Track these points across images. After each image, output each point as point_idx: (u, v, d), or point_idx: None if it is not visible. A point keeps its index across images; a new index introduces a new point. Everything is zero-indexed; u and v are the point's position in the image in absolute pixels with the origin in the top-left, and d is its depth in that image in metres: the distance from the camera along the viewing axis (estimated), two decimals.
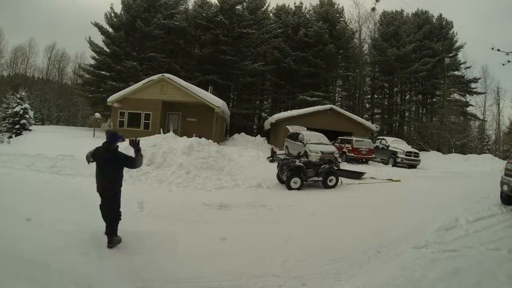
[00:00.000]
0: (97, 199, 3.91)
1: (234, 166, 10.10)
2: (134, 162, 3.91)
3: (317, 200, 7.10)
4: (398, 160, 15.60)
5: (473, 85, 31.39)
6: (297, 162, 8.34)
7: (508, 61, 4.47)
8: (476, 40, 44.10)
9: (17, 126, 15.84)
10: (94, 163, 3.95)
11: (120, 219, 3.91)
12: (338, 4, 30.89)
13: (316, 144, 13.91)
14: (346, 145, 16.01)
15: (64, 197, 5.99)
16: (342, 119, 19.71)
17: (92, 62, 27.19)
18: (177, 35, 26.74)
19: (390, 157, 16.17)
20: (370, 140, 17.14)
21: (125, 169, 4.06)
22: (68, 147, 10.50)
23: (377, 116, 32.83)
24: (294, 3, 31.63)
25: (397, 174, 12.16)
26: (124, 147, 4.57)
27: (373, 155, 16.14)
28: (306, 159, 9.86)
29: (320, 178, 8.52)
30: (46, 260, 3.28)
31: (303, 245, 4.10)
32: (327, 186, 8.44)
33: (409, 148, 16.82)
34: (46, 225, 4.34)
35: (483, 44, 39.92)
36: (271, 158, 10.22)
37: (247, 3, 28.57)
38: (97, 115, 19.11)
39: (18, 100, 16.64)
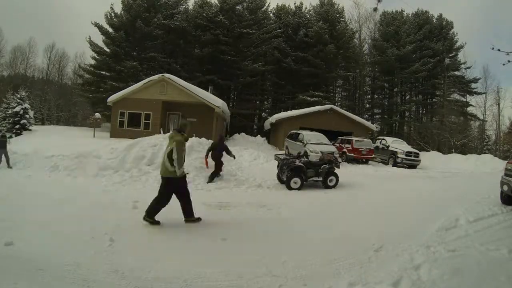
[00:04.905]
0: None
1: (234, 166, 10.11)
2: None
3: (317, 200, 7.09)
4: (398, 160, 15.60)
5: (473, 85, 31.42)
6: (297, 162, 8.34)
7: (508, 61, 4.47)
8: (476, 39, 44.06)
9: (17, 126, 15.88)
10: None
11: None
12: (338, 4, 30.95)
13: (316, 144, 13.91)
14: (346, 145, 16.01)
15: (64, 197, 5.99)
16: (342, 119, 19.70)
17: (92, 62, 27.23)
18: (177, 35, 26.75)
19: (390, 157, 16.18)
20: (370, 140, 17.13)
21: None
22: (69, 147, 10.52)
23: (377, 116, 32.87)
24: (294, 3, 31.72)
25: (398, 174, 12.17)
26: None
27: (373, 155, 16.14)
28: (306, 159, 9.85)
29: (320, 178, 8.53)
30: (46, 260, 3.28)
31: (303, 245, 4.10)
32: (327, 186, 8.44)
33: (409, 148, 16.82)
34: (46, 225, 4.35)
35: (483, 44, 39.77)
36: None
37: (247, 3, 28.57)
38: (97, 115, 19.14)
39: (18, 100, 16.68)
